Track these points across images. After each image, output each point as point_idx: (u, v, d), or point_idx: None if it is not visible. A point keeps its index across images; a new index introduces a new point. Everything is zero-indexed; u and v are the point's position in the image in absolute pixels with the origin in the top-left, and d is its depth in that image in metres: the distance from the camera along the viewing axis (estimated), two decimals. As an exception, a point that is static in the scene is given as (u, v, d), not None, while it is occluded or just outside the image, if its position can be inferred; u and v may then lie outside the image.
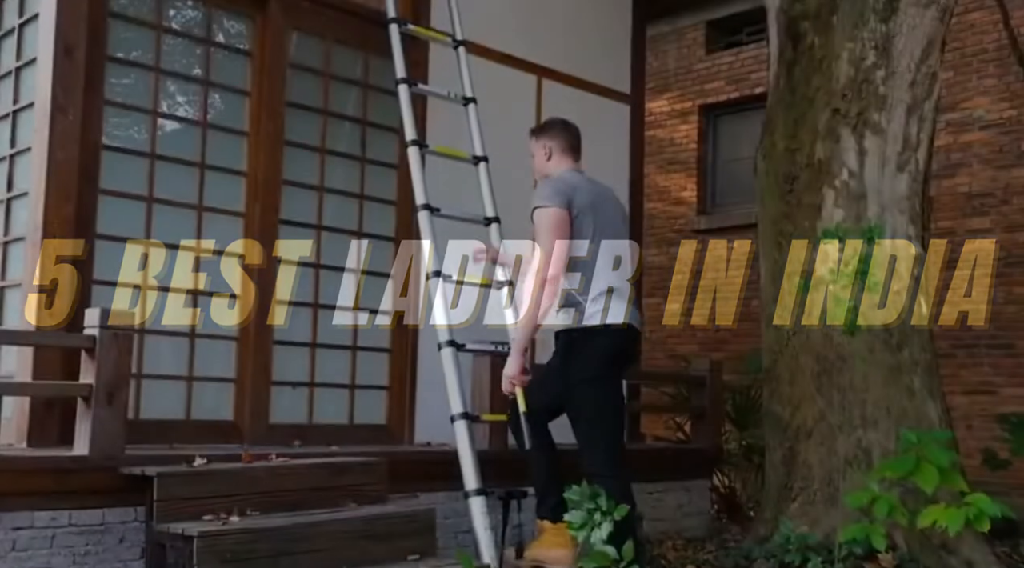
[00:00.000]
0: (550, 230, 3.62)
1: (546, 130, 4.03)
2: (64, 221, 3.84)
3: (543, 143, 3.96)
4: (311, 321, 4.65)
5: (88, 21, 3.95)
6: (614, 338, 3.69)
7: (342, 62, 4.81)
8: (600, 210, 3.76)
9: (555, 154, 3.93)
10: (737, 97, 9.86)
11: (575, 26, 5.93)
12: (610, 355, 3.71)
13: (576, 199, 3.69)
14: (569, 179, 3.80)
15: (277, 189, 4.52)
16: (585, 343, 3.68)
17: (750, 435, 7.29)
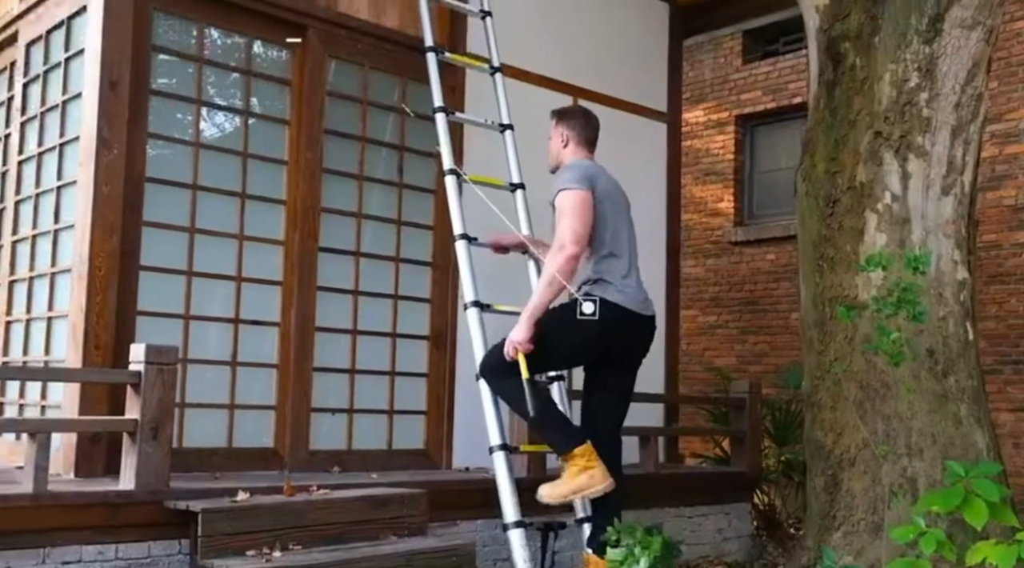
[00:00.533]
0: (575, 209, 3.71)
1: (566, 118, 4.08)
2: (109, 254, 3.89)
3: (561, 130, 4.04)
4: (350, 347, 4.67)
5: (132, 55, 4.01)
6: (618, 318, 3.75)
7: (379, 88, 4.83)
8: (615, 199, 3.90)
9: (571, 143, 4.02)
10: (774, 107, 9.77)
11: (611, 46, 5.92)
12: (605, 328, 3.73)
13: (598, 186, 3.81)
14: (590, 167, 3.92)
15: (316, 217, 4.55)
16: (593, 308, 3.74)
17: (789, 451, 7.23)
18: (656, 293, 6.08)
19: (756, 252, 9.89)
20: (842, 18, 4.96)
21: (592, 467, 3.66)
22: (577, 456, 3.67)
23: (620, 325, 3.77)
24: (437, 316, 4.96)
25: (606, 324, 3.72)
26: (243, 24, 4.41)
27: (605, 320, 3.72)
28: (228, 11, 4.33)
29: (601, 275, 3.79)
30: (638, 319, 3.83)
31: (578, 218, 3.69)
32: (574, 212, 3.70)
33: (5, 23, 4.85)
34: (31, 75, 4.59)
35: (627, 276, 3.82)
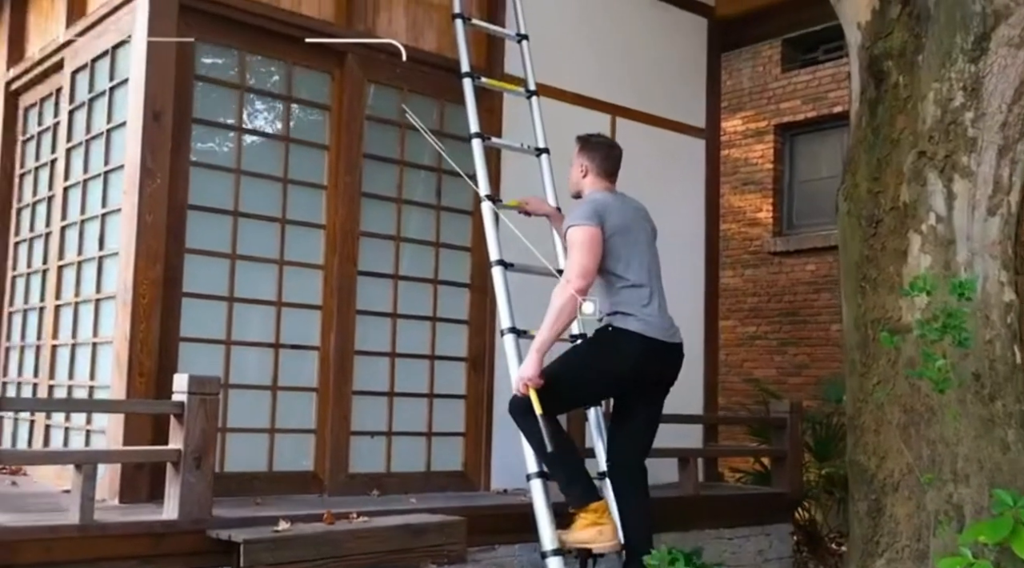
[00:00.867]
0: (582, 246, 3.74)
1: (587, 149, 4.08)
2: (153, 282, 3.95)
3: (580, 160, 4.06)
4: (388, 370, 4.69)
5: (175, 85, 4.06)
6: (641, 350, 3.76)
7: (418, 111, 4.83)
8: (632, 230, 3.89)
9: (591, 174, 4.03)
10: (815, 116, 9.67)
11: (649, 62, 5.89)
12: (628, 362, 3.76)
13: (608, 221, 3.81)
14: (603, 201, 3.91)
15: (355, 241, 4.58)
16: (610, 339, 3.80)
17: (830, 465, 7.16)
18: (695, 304, 6.11)
19: (796, 263, 9.80)
20: (884, 36, 4.89)
21: (603, 524, 3.71)
22: (591, 511, 3.71)
23: (646, 354, 3.78)
24: (475, 338, 4.97)
25: (631, 355, 3.76)
26: (283, 51, 4.44)
27: (629, 351, 3.75)
28: (269, 38, 4.37)
29: (620, 307, 3.80)
30: (663, 347, 3.83)
31: (584, 254, 3.72)
32: (581, 248, 3.73)
33: (51, 51, 4.94)
34: (76, 103, 4.67)
35: (648, 305, 3.82)
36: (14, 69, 5.38)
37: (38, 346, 4.86)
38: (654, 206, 4.17)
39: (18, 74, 5.33)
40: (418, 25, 4.91)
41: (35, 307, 4.99)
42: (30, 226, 5.18)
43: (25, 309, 5.12)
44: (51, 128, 5.03)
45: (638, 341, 3.75)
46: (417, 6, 4.92)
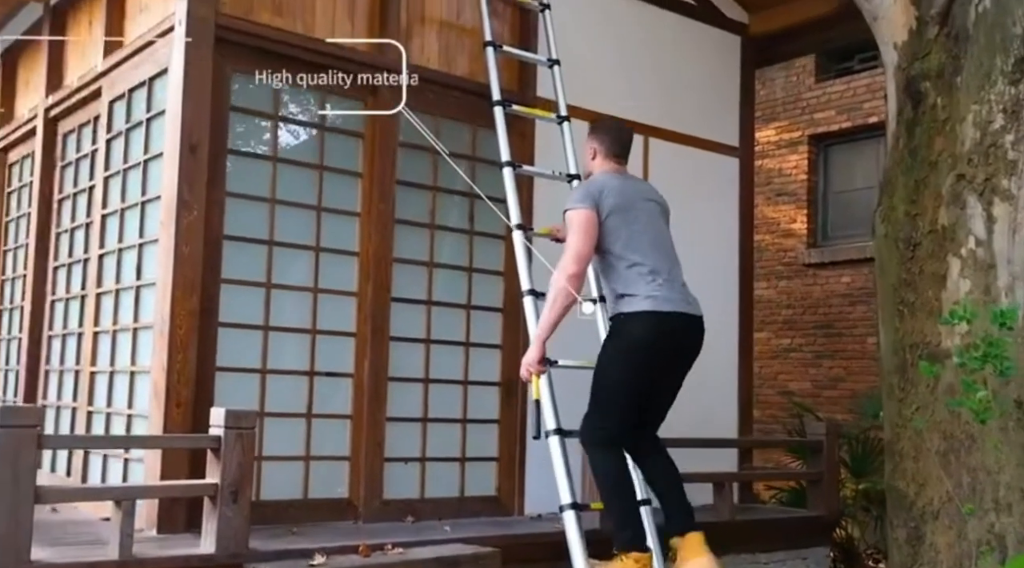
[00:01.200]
0: (576, 229, 3.74)
1: (597, 131, 4.08)
2: (189, 313, 3.98)
3: (591, 144, 4.06)
4: (422, 396, 4.71)
5: (211, 117, 4.09)
6: (653, 324, 3.70)
7: (450, 137, 4.85)
8: (632, 208, 3.84)
9: (599, 156, 4.02)
10: (849, 127, 9.58)
11: (682, 81, 5.86)
12: (647, 338, 3.71)
13: (604, 201, 3.78)
14: (601, 182, 3.89)
15: (388, 267, 4.59)
16: (623, 325, 3.75)
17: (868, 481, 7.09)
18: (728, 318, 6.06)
19: (831, 274, 9.70)
20: (922, 57, 4.82)
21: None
22: (633, 559, 3.63)
23: (660, 328, 3.72)
24: (508, 362, 4.96)
25: (646, 332, 3.70)
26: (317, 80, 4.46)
27: (644, 329, 3.70)
28: (303, 68, 4.39)
29: (625, 289, 3.76)
30: (678, 318, 3.75)
31: (578, 237, 3.72)
32: (575, 231, 3.74)
33: (89, 79, 5.01)
34: (114, 132, 4.73)
35: (653, 281, 3.74)
36: (53, 96, 5.46)
37: (76, 371, 4.93)
38: (688, 225, 4.15)
39: (57, 101, 5.41)
40: (450, 51, 4.92)
41: (74, 332, 5.05)
42: (69, 251, 5.25)
43: (64, 334, 5.19)
44: (89, 155, 5.10)
45: (648, 318, 3.69)
46: (450, 31, 4.94)
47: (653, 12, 5.75)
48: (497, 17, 5.00)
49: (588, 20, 5.41)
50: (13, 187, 6.18)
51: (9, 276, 6.07)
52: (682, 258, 3.93)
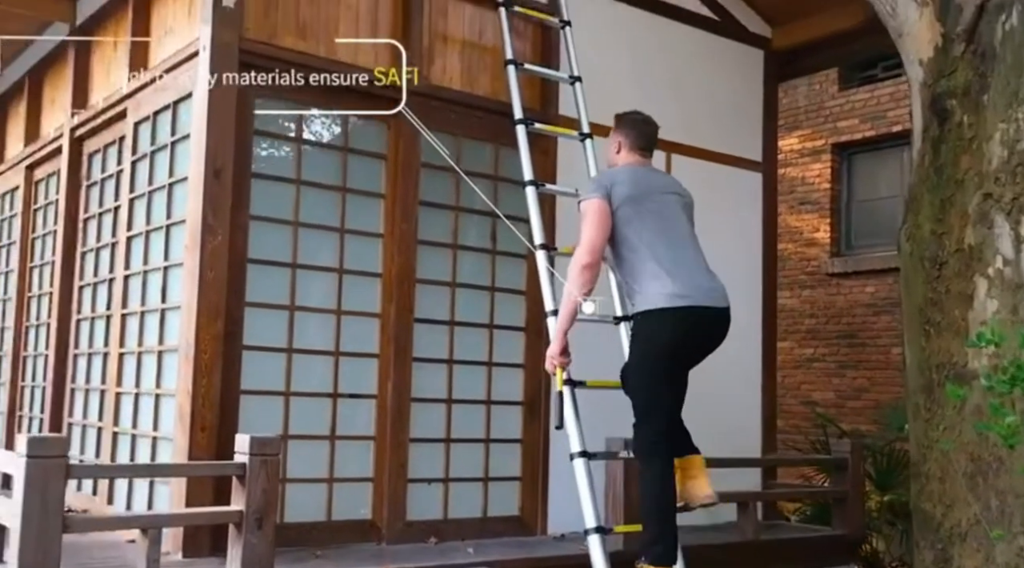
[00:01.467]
0: (588, 219, 3.76)
1: (621, 125, 4.11)
2: (214, 337, 4.00)
3: (615, 137, 4.09)
4: (445, 416, 4.71)
5: (235, 142, 4.11)
6: (670, 322, 3.68)
7: (472, 156, 4.85)
8: (647, 199, 3.83)
9: (624, 149, 4.05)
10: (873, 135, 9.50)
11: (704, 97, 5.83)
12: (664, 340, 3.69)
13: (616, 191, 3.79)
14: (615, 173, 3.93)
15: (411, 288, 4.60)
16: (641, 327, 3.76)
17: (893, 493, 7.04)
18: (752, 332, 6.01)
19: (854, 284, 9.63)
20: (948, 74, 4.78)
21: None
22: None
23: (679, 323, 3.68)
24: (530, 381, 4.96)
25: (666, 329, 3.68)
26: (340, 103, 4.48)
27: (663, 327, 3.68)
28: (326, 91, 4.41)
29: (640, 282, 3.74)
30: (694, 312, 3.69)
31: (590, 227, 3.75)
32: (587, 221, 3.77)
33: (115, 100, 5.04)
34: (139, 154, 4.77)
35: (668, 273, 3.69)
36: (78, 116, 5.51)
37: (102, 391, 4.97)
38: (711, 238, 4.13)
39: (82, 121, 5.46)
40: (472, 70, 4.93)
41: (99, 352, 5.09)
42: (94, 271, 5.30)
43: (90, 353, 5.23)
44: (114, 175, 5.14)
45: (664, 316, 3.67)
46: (472, 51, 4.94)
47: (675, 28, 5.73)
48: (518, 35, 4.99)
49: (610, 37, 5.39)
50: (39, 204, 6.24)
51: (35, 293, 6.12)
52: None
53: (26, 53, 6.50)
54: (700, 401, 4.01)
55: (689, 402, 3.89)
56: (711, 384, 4.28)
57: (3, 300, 6.61)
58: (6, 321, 6.50)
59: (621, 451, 4.23)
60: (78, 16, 5.60)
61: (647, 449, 3.75)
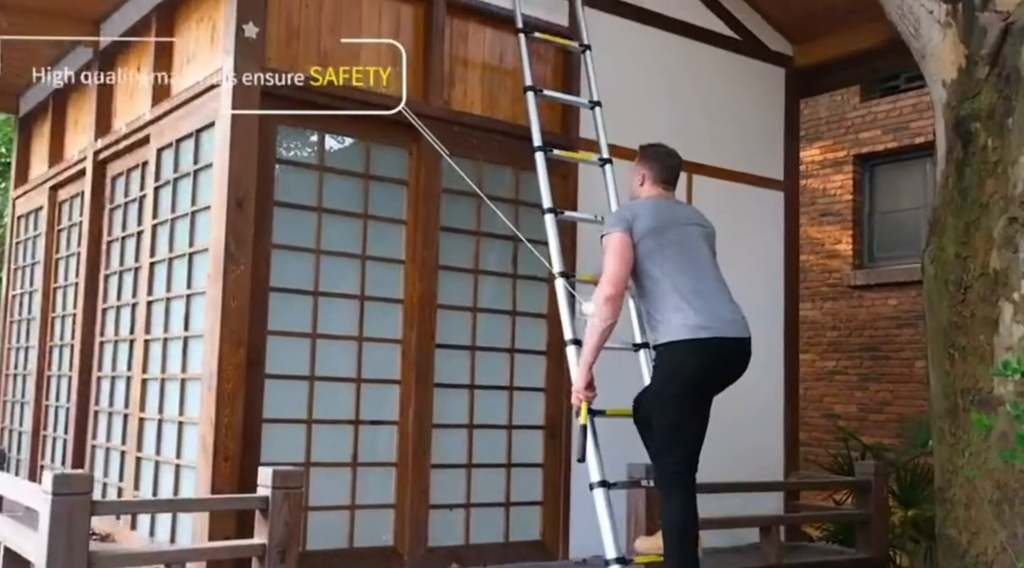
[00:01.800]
0: (610, 253, 3.80)
1: (645, 158, 4.15)
2: (237, 366, 4.02)
3: (639, 170, 4.14)
4: (466, 441, 4.71)
5: (258, 171, 4.13)
6: (693, 353, 3.71)
7: (493, 181, 4.85)
8: (668, 231, 3.87)
9: (647, 182, 4.10)
10: (895, 147, 9.43)
11: (726, 117, 5.81)
12: (687, 371, 3.72)
13: (637, 225, 3.83)
14: (635, 206, 3.99)
15: (432, 314, 4.60)
16: (664, 357, 3.79)
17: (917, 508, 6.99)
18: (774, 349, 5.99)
19: (877, 296, 9.56)
20: (972, 97, 4.73)
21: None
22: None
23: (701, 356, 3.72)
24: (552, 405, 4.95)
25: (688, 362, 3.71)
26: (362, 130, 4.50)
27: (685, 360, 3.71)
28: (348, 119, 4.43)
29: (659, 314, 3.79)
30: (716, 344, 3.73)
31: (612, 260, 3.78)
32: (609, 254, 3.80)
33: (138, 126, 5.08)
34: (162, 180, 4.80)
35: (689, 306, 3.72)
36: (102, 139, 5.55)
37: (125, 415, 5.00)
38: (732, 257, 4.15)
39: (106, 145, 5.50)
40: (493, 94, 4.93)
41: (123, 375, 5.13)
42: (117, 294, 5.33)
43: (113, 376, 5.27)
44: (137, 200, 5.17)
45: (686, 348, 3.71)
46: (492, 75, 4.94)
47: (696, 48, 5.71)
48: (539, 58, 5.00)
49: (630, 58, 5.38)
50: (63, 225, 6.29)
51: (59, 313, 6.18)
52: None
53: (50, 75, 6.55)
54: (721, 419, 3.99)
55: (711, 421, 3.88)
56: (732, 404, 4.27)
57: (28, 319, 6.67)
58: (30, 340, 6.55)
59: (643, 479, 4.22)
60: (102, 40, 5.64)
61: (668, 480, 3.76)
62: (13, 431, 6.71)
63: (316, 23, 4.39)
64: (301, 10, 4.35)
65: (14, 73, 6.62)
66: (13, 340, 6.98)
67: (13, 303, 7.04)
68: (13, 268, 7.10)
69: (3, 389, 7.03)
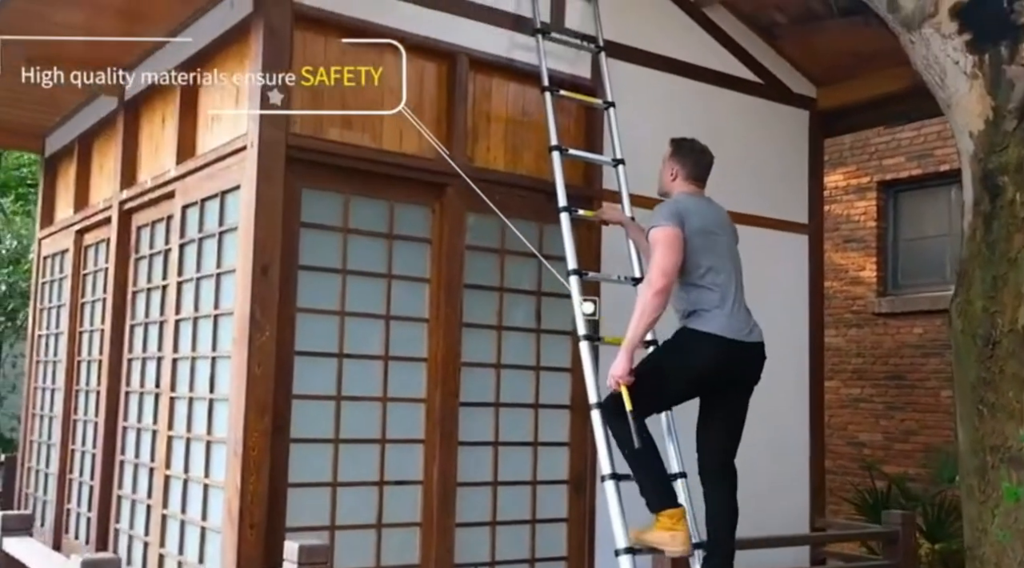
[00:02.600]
0: (664, 245, 3.87)
1: (679, 153, 4.22)
2: (262, 433, 4.03)
3: (671, 164, 4.21)
4: (490, 498, 4.70)
5: (283, 235, 4.14)
6: (718, 351, 3.86)
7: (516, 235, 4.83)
8: (713, 232, 4.02)
9: (680, 178, 4.18)
10: (920, 174, 9.35)
11: (748, 162, 5.76)
12: (706, 365, 3.88)
13: (689, 222, 3.93)
14: (685, 203, 4.05)
15: (456, 372, 4.60)
16: (686, 342, 3.92)
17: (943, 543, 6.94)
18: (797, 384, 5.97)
19: (902, 324, 9.47)
20: (999, 150, 4.67)
21: (677, 530, 3.83)
22: (666, 516, 3.84)
23: (721, 354, 3.87)
24: (576, 459, 4.95)
25: (707, 355, 3.87)
26: (385, 191, 4.51)
27: (705, 351, 3.87)
28: (372, 180, 4.44)
29: (697, 306, 3.91)
30: (740, 346, 3.90)
31: (665, 254, 3.84)
32: (662, 248, 3.86)
33: (163, 181, 5.11)
34: (187, 238, 4.82)
35: (723, 306, 3.90)
36: (127, 190, 5.58)
37: (151, 468, 5.03)
38: (756, 301, 4.16)
39: (131, 196, 5.53)
40: (516, 149, 4.93)
41: (148, 428, 5.16)
42: (143, 346, 5.36)
43: (139, 428, 5.30)
44: (163, 253, 5.20)
45: (713, 342, 3.85)
46: (516, 129, 4.94)
47: (719, 94, 5.69)
48: (563, 111, 4.98)
49: (654, 106, 5.36)
50: (88, 269, 6.33)
51: (85, 358, 6.22)
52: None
53: (75, 118, 6.62)
54: (747, 454, 4.09)
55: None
56: (758, 441, 4.42)
57: (54, 362, 6.72)
58: (56, 382, 6.60)
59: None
60: (127, 91, 5.68)
61: (613, 410, 3.89)
62: (40, 472, 6.76)
63: (340, 84, 4.40)
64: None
65: (40, 114, 6.72)
66: (39, 380, 7.03)
67: (39, 343, 7.10)
68: (39, 308, 7.15)
69: (29, 429, 7.09)
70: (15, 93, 5.94)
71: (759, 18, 5.81)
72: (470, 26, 4.74)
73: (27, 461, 7.03)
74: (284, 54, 4.17)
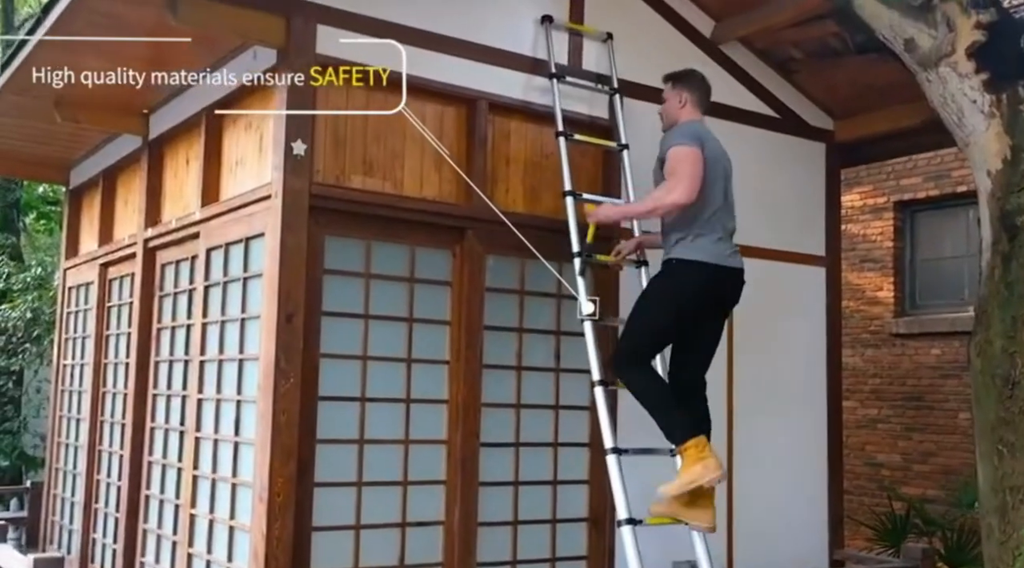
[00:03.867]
0: (688, 164, 4.03)
1: (684, 81, 4.39)
2: (287, 479, 4.09)
3: (679, 92, 4.36)
4: (511, 537, 4.75)
5: (307, 282, 4.21)
6: (706, 277, 4.10)
7: (535, 276, 4.89)
8: (719, 161, 4.21)
9: (688, 105, 4.34)
10: (937, 195, 9.34)
11: (765, 196, 5.77)
12: (695, 291, 4.11)
13: (707, 146, 4.13)
14: (698, 130, 4.22)
15: (477, 414, 4.65)
16: (675, 272, 4.13)
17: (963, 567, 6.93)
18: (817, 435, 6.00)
19: (920, 346, 9.46)
20: (1017, 190, 4.69)
21: (705, 457, 3.94)
22: (691, 447, 3.96)
23: (708, 280, 4.11)
24: (596, 497, 4.98)
25: (696, 282, 4.10)
26: (406, 236, 4.57)
27: (694, 279, 4.10)
28: (393, 226, 4.50)
29: (690, 231, 4.11)
30: (724, 272, 4.15)
31: (690, 171, 4.01)
32: (689, 166, 4.02)
33: (187, 222, 5.18)
34: (211, 280, 4.89)
35: (713, 233, 4.12)
36: (152, 229, 5.67)
37: (176, 505, 5.10)
38: (773, 335, 4.23)
39: (155, 234, 5.61)
40: (535, 190, 4.97)
41: (173, 465, 5.23)
42: (167, 383, 5.44)
43: (164, 464, 5.38)
44: (187, 293, 5.27)
45: (703, 270, 4.08)
46: (534, 171, 4.99)
47: (735, 129, 5.68)
48: (580, 151, 5.03)
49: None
50: (113, 302, 6.42)
51: (110, 390, 6.30)
52: (765, 367, 4.46)
53: (99, 153, 6.72)
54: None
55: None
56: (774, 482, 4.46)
57: (79, 391, 6.81)
58: (81, 412, 6.69)
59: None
60: (151, 131, 5.77)
61: (625, 363, 4.16)
62: (65, 500, 6.85)
63: (362, 132, 4.47)
64: (348, 121, 4.42)
65: (66, 150, 6.83)
66: (64, 409, 7.13)
67: (64, 372, 7.20)
68: (64, 338, 7.25)
69: (55, 457, 7.19)
70: (45, 133, 6.06)
71: (775, 54, 5.84)
72: (489, 71, 4.79)
73: (52, 488, 7.13)
74: (307, 104, 4.23)
